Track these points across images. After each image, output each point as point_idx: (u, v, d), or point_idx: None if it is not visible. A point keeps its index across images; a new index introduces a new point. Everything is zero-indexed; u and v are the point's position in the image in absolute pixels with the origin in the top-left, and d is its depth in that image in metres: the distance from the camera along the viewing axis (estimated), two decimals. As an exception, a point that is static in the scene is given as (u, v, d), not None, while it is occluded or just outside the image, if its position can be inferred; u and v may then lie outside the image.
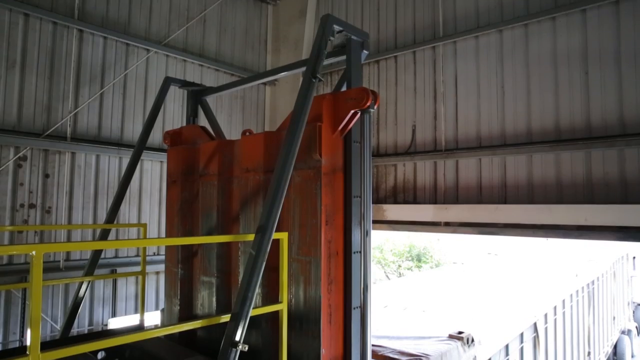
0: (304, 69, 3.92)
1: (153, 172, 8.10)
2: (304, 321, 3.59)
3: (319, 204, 3.55)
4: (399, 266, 25.44)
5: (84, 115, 7.25)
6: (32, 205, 6.65)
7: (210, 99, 5.96)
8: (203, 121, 5.80)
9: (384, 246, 26.20)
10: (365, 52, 4.01)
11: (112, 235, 7.03)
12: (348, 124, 3.70)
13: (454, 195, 7.40)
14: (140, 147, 5.18)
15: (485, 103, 7.17)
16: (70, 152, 7.05)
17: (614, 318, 13.80)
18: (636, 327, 16.53)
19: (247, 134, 4.41)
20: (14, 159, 6.47)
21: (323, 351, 3.45)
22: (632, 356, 15.08)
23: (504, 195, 6.83)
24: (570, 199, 6.17)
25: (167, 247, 5.23)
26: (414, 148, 8.05)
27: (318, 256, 3.52)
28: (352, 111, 3.60)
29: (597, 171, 6.01)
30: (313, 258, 3.56)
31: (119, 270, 7.39)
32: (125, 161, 7.35)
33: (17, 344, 6.38)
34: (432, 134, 7.83)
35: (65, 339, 4.43)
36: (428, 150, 7.84)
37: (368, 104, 3.50)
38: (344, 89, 4.11)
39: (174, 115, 8.47)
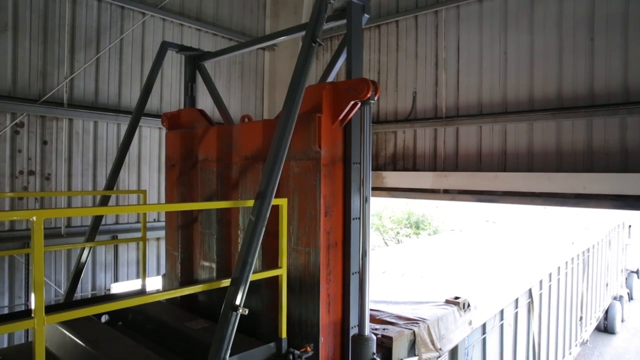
0: (303, 33, 3.84)
1: (152, 138, 8.05)
2: (303, 311, 3.66)
3: (319, 195, 3.54)
4: (398, 233, 25.70)
5: (81, 80, 7.14)
6: (31, 172, 6.64)
7: (209, 65, 5.86)
8: (201, 87, 5.72)
9: (383, 213, 26.38)
10: (366, 16, 3.90)
11: (112, 202, 7.06)
12: (348, 114, 3.64)
13: (454, 163, 7.39)
14: (138, 113, 5.13)
15: (487, 69, 7.06)
16: (68, 119, 6.98)
17: (607, 284, 14.05)
18: (628, 293, 16.88)
19: (246, 119, 4.36)
20: (11, 125, 6.41)
21: (322, 339, 3.53)
22: (622, 321, 15.46)
23: (503, 163, 6.82)
24: (569, 167, 6.17)
25: (167, 232, 5.24)
26: (414, 115, 7.98)
27: (317, 247, 3.54)
28: (352, 102, 3.54)
29: (597, 139, 5.98)
30: (312, 249, 3.58)
31: (120, 236, 7.46)
32: (124, 127, 7.29)
33: (22, 308, 6.52)
34: (432, 100, 7.75)
35: (69, 302, 4.51)
36: (428, 117, 7.78)
37: (368, 95, 3.43)
38: (343, 55, 4.04)
39: (171, 80, 8.35)
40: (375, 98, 3.51)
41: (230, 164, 4.40)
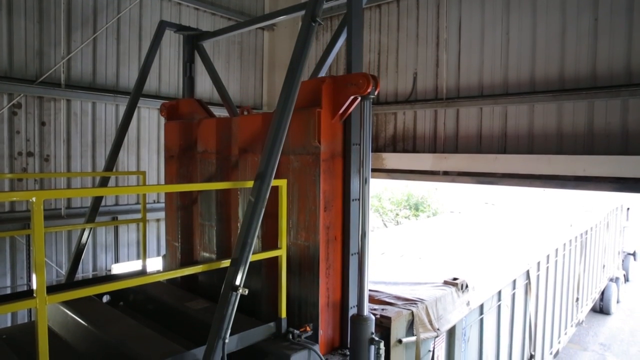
0: (303, 12, 3.78)
1: (151, 119, 8.01)
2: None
3: (318, 190, 3.54)
4: (397, 215, 25.79)
5: (78, 61, 7.06)
6: (30, 154, 6.62)
7: (207, 45, 5.79)
8: (200, 67, 5.67)
9: (383, 195, 26.42)
10: (367, -6, 3.85)
11: (111, 183, 7.06)
12: (348, 109, 3.61)
13: (454, 145, 7.37)
14: (136, 94, 5.08)
15: (488, 51, 6.98)
16: (66, 100, 6.93)
17: (603, 266, 14.16)
18: (624, 275, 17.03)
19: (245, 112, 4.32)
20: (9, 106, 6.37)
21: (321, 332, 3.57)
22: (618, 302, 15.63)
23: (503, 145, 6.80)
24: (570, 150, 6.15)
25: (167, 223, 5.25)
26: (415, 96, 7.92)
27: (316, 241, 3.56)
28: (352, 97, 3.51)
29: (599, 122, 5.95)
30: (311, 243, 3.60)
31: (120, 217, 7.49)
32: (122, 108, 7.24)
33: (24, 288, 6.57)
34: (433, 82, 7.68)
35: (70, 283, 4.55)
36: (429, 98, 7.72)
37: (368, 90, 3.40)
38: (344, 35, 3.99)
39: (170, 61, 8.26)
40: (376, 93, 3.48)
41: (230, 156, 4.39)
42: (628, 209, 17.75)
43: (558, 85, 6.27)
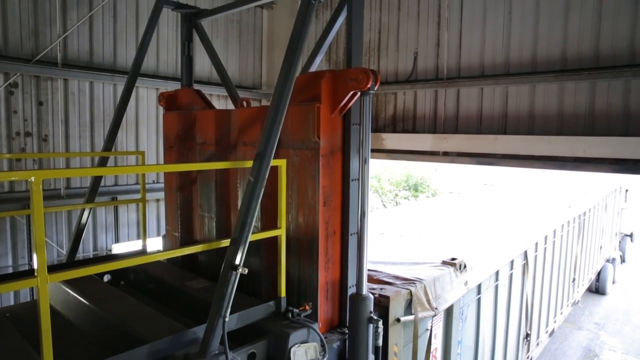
0: (303, -11, 3.71)
1: (149, 99, 7.94)
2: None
3: (317, 185, 3.53)
4: (396, 195, 25.86)
5: (74, 39, 6.96)
6: (28, 134, 6.58)
7: (206, 23, 5.70)
8: (198, 46, 5.59)
9: (382, 176, 26.45)
10: (367, -29, 3.77)
11: (110, 163, 7.04)
12: (347, 103, 3.58)
13: (454, 125, 7.33)
14: (134, 74, 5.03)
15: (490, 30, 6.89)
16: (63, 79, 6.85)
17: (600, 247, 14.25)
18: (620, 256, 17.17)
19: (244, 103, 4.28)
20: (5, 85, 6.30)
21: (319, 325, 3.60)
22: (613, 282, 15.80)
23: (504, 125, 6.76)
24: (570, 131, 6.13)
25: (167, 213, 5.25)
26: (415, 76, 7.85)
27: (315, 236, 3.57)
28: (352, 92, 3.48)
29: (600, 102, 5.91)
30: (310, 238, 3.61)
31: (119, 197, 7.49)
32: (120, 88, 7.16)
33: (26, 267, 6.62)
34: (434, 61, 7.60)
35: (71, 262, 4.58)
36: (429, 78, 7.65)
37: (368, 85, 3.37)
38: (344, 13, 3.93)
39: (168, 39, 8.15)
40: (376, 88, 3.45)
41: (229, 148, 4.38)
42: (627, 190, 17.78)
43: (560, 65, 6.21)
